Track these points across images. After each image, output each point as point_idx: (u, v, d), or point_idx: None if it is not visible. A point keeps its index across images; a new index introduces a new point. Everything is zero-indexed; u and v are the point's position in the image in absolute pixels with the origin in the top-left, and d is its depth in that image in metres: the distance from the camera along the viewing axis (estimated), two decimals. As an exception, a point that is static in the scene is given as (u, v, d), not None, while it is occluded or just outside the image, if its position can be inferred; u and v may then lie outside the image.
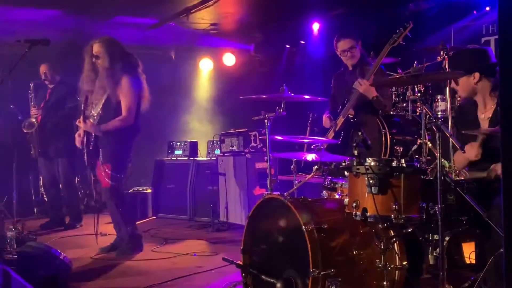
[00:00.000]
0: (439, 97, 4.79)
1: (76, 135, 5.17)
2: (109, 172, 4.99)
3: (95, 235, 5.43)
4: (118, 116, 5.02)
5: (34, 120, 6.48)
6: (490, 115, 3.45)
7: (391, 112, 4.88)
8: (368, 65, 4.89)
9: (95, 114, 5.04)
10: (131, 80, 5.07)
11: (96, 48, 5.07)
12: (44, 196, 7.30)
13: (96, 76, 5.13)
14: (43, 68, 6.58)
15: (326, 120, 5.04)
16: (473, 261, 3.54)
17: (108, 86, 5.00)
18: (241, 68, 8.15)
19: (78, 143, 5.15)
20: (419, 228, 3.04)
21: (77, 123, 5.02)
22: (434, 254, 2.98)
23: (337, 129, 4.88)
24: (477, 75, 3.43)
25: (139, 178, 8.08)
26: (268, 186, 3.97)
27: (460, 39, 5.99)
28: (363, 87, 4.66)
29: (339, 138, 4.75)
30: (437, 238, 2.85)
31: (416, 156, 4.33)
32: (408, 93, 4.91)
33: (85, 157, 5.07)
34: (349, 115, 4.82)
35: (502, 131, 1.38)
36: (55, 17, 6.90)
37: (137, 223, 5.51)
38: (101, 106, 5.04)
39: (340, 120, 4.88)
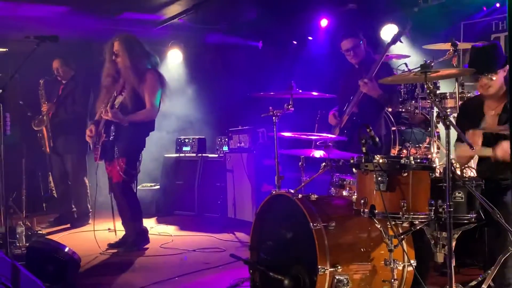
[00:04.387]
0: (448, 94, 4.79)
1: (87, 131, 5.17)
2: (124, 166, 5.01)
3: (92, 231, 5.44)
4: (139, 110, 5.05)
5: (44, 117, 6.49)
6: (500, 111, 3.42)
7: (400, 109, 4.88)
8: (374, 62, 4.89)
9: (116, 106, 5.04)
10: (156, 76, 5.12)
11: (116, 46, 5.10)
12: (53, 192, 7.33)
13: (114, 73, 5.15)
14: (55, 64, 6.59)
15: (331, 118, 5.06)
16: (482, 259, 3.53)
17: (134, 81, 5.02)
18: (249, 65, 8.13)
19: (88, 139, 5.17)
20: (427, 225, 3.03)
21: (103, 111, 5.01)
22: (442, 251, 2.97)
23: (341, 126, 4.89)
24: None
25: (147, 174, 8.10)
26: (276, 183, 3.97)
27: (470, 36, 5.94)
28: (367, 87, 4.65)
29: (343, 136, 4.75)
30: (446, 235, 2.84)
31: (425, 152, 4.33)
32: (417, 90, 4.91)
33: (98, 151, 5.07)
34: (353, 112, 4.82)
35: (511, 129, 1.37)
36: (63, 13, 6.92)
37: (145, 219, 5.52)
38: (122, 99, 5.04)
39: (345, 118, 4.88)
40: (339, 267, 2.94)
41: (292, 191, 3.41)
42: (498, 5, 5.85)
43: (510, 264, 3.08)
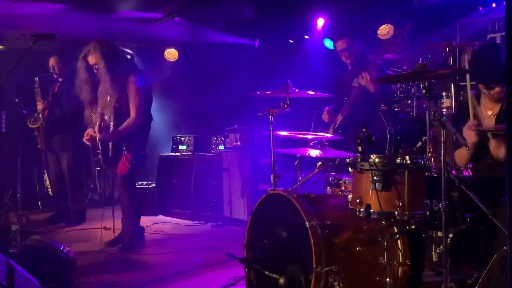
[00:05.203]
0: (444, 94, 4.79)
1: (85, 134, 5.14)
2: (130, 158, 5.02)
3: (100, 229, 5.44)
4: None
5: (40, 114, 6.47)
6: (498, 112, 3.43)
7: (396, 109, 4.88)
8: (368, 63, 4.91)
9: (107, 119, 4.98)
10: (136, 78, 5.06)
11: (92, 54, 5.02)
12: (49, 190, 7.32)
13: (92, 83, 5.08)
14: (51, 61, 6.56)
15: (325, 114, 5.06)
16: (477, 259, 3.54)
17: (114, 91, 4.96)
18: (245, 64, 8.13)
19: (87, 142, 5.14)
20: (422, 225, 3.04)
21: (92, 134, 5.02)
22: (438, 251, 2.98)
23: (336, 126, 4.90)
24: None
25: (143, 173, 8.09)
26: (272, 182, 3.97)
27: (466, 36, 5.96)
28: (364, 80, 4.67)
29: (337, 136, 4.75)
30: (441, 235, 2.85)
31: (420, 153, 4.32)
32: (413, 90, 4.92)
33: (100, 156, 5.06)
34: (348, 113, 4.83)
35: (508, 129, 1.37)
36: (60, 11, 6.90)
37: (141, 217, 5.52)
38: (113, 111, 4.98)
39: (339, 118, 4.88)
40: (334, 266, 2.94)
41: (288, 190, 3.42)
42: (494, 5, 5.86)
43: (505, 263, 3.09)
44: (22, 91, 6.74)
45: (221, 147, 7.19)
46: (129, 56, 5.24)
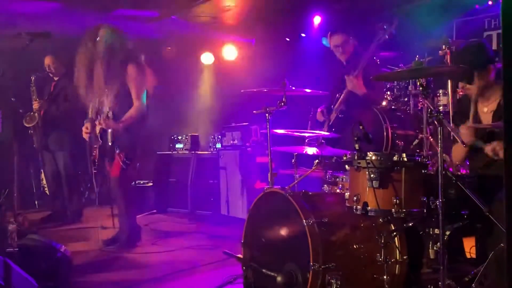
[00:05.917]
0: (440, 91, 4.80)
1: (84, 128, 5.12)
2: (123, 159, 5.00)
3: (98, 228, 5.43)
4: (128, 108, 5.00)
5: (35, 113, 6.45)
6: (494, 108, 3.44)
7: (393, 106, 4.89)
8: (362, 60, 4.89)
9: (108, 109, 4.94)
10: (137, 68, 5.03)
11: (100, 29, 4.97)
12: (45, 189, 7.30)
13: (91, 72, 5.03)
14: (47, 60, 6.54)
15: (319, 114, 5.05)
16: (474, 256, 3.55)
17: (115, 79, 4.92)
18: (242, 62, 8.14)
19: (85, 136, 5.12)
20: (420, 222, 3.04)
21: (97, 123, 4.98)
22: (435, 248, 2.98)
23: (330, 123, 4.89)
24: (490, 67, 3.40)
25: (140, 172, 8.08)
26: (269, 180, 3.97)
27: (462, 34, 5.97)
28: (351, 84, 4.66)
29: (331, 133, 4.75)
30: (438, 232, 2.85)
31: (417, 150, 4.34)
32: (409, 88, 4.92)
33: (97, 151, 5.04)
34: (341, 110, 4.83)
35: (506, 127, 1.37)
36: (56, 10, 6.88)
37: (138, 216, 5.52)
38: (112, 100, 4.94)
39: (333, 115, 4.88)
40: (331, 263, 2.94)
41: (285, 188, 3.42)
42: (490, 2, 5.87)
43: (501, 260, 3.09)
44: (18, 90, 6.71)
45: (218, 145, 7.19)
46: (131, 49, 5.21)
